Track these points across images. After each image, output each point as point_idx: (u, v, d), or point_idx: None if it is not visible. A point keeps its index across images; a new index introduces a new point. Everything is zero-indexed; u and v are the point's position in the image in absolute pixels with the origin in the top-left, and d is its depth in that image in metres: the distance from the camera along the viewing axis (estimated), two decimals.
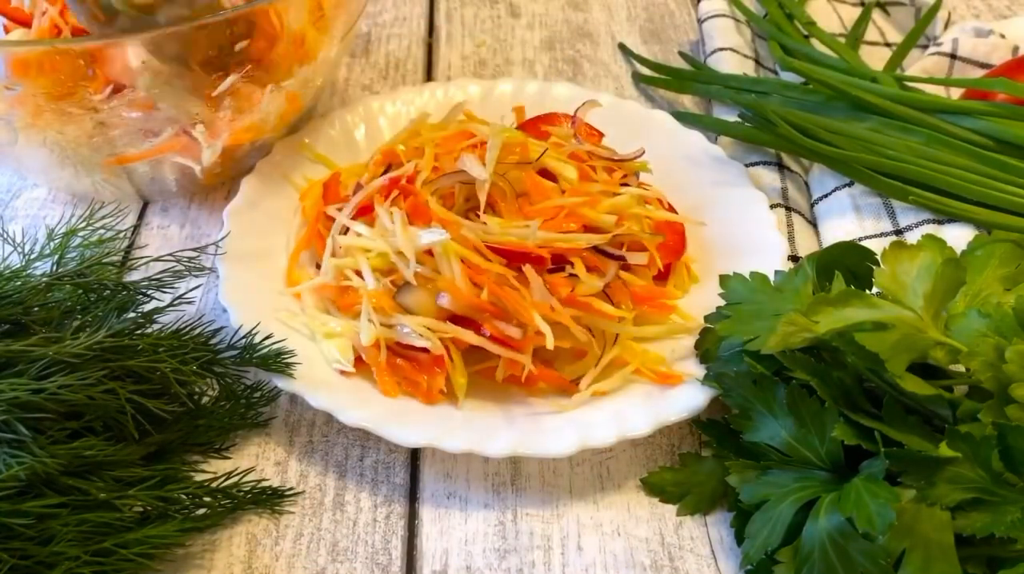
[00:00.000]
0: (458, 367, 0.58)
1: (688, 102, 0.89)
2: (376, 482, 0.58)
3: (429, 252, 0.59)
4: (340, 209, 0.66)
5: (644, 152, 0.69)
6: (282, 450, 0.59)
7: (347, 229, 0.64)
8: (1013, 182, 0.69)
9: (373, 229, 0.62)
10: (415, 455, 0.59)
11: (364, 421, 0.55)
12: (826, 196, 0.74)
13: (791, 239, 0.71)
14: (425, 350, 0.58)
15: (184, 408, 0.55)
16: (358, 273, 0.61)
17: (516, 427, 0.56)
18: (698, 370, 0.59)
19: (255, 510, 0.55)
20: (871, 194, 0.72)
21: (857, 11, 0.98)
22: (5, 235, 0.63)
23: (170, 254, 0.60)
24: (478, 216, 0.61)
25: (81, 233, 0.62)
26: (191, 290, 0.61)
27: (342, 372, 0.59)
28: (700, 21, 0.94)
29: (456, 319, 0.58)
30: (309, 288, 0.64)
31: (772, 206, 0.71)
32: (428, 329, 0.58)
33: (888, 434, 0.48)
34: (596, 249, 0.60)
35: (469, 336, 0.58)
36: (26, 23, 0.68)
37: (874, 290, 0.53)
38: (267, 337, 0.58)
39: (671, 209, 0.69)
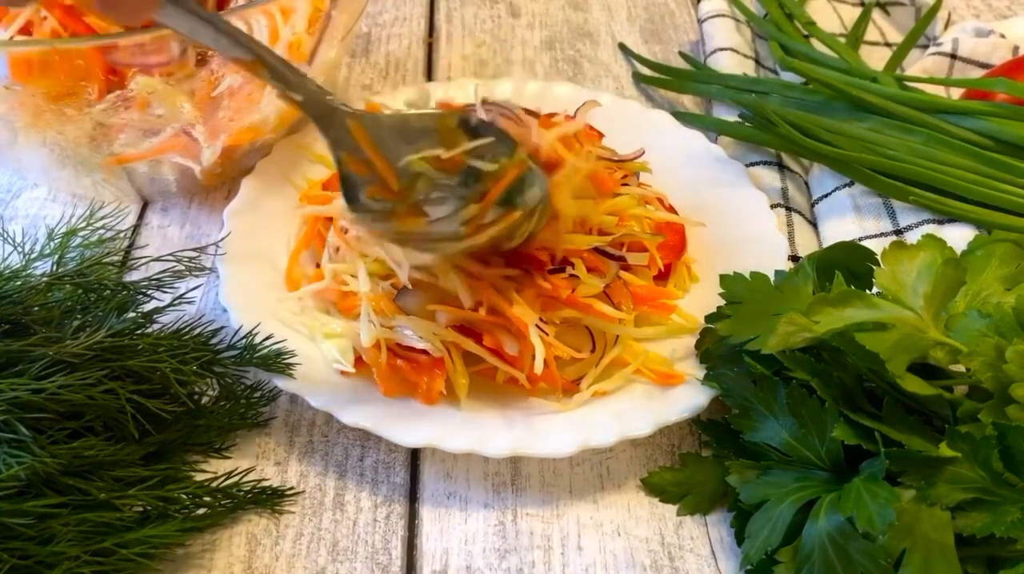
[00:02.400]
0: (459, 368, 0.58)
1: (688, 102, 0.88)
2: (376, 482, 0.58)
3: None
4: None
5: (644, 152, 0.68)
6: (282, 450, 0.59)
7: (346, 230, 0.64)
8: (1013, 182, 0.69)
9: None
10: (415, 455, 0.59)
11: (364, 421, 0.55)
12: (826, 196, 0.74)
13: (791, 239, 0.71)
14: (425, 352, 0.58)
15: (184, 408, 0.55)
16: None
17: (516, 427, 0.56)
18: (698, 370, 0.59)
19: (255, 510, 0.55)
20: (871, 194, 0.72)
21: (857, 11, 0.98)
22: (5, 235, 0.63)
23: (170, 254, 0.60)
24: None
25: (81, 233, 0.62)
26: (191, 290, 0.61)
27: (342, 372, 0.59)
28: (700, 21, 0.94)
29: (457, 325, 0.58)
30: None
31: (772, 206, 0.71)
32: (429, 331, 0.58)
33: (888, 434, 0.48)
34: (596, 250, 0.60)
35: (469, 345, 0.58)
36: (26, 32, 0.67)
37: (874, 290, 0.53)
38: (267, 337, 0.58)
39: (671, 209, 0.69)
